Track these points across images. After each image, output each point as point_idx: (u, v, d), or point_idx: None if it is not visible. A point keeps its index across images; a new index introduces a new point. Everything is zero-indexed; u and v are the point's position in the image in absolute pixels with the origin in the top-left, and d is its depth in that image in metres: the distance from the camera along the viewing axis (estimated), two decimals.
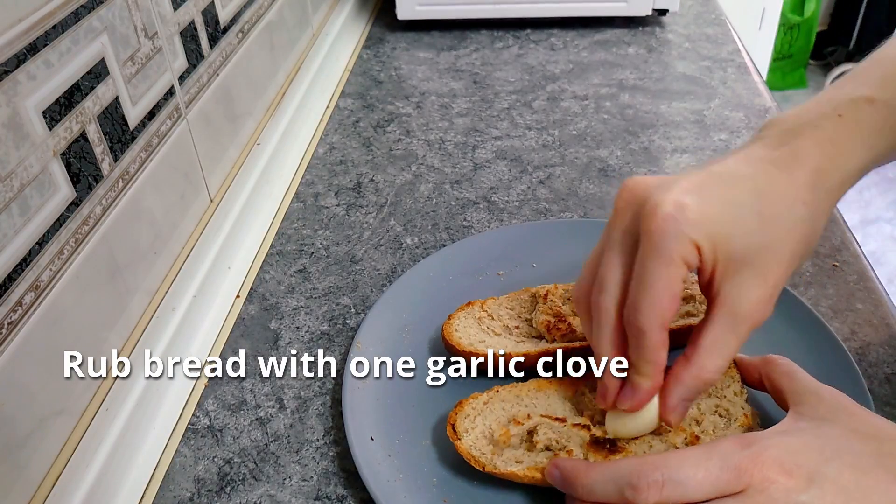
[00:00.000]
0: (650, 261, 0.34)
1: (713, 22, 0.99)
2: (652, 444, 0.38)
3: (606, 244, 0.37)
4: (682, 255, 0.33)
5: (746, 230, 0.34)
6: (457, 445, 0.41)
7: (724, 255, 0.34)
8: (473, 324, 0.49)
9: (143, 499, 0.43)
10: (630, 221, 0.35)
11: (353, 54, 0.93)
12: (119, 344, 0.47)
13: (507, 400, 0.43)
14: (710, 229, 0.33)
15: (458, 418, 0.42)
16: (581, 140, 0.74)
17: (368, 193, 0.68)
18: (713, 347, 0.35)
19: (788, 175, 0.35)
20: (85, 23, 0.42)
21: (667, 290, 0.34)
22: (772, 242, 0.34)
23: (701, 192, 0.34)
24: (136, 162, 0.48)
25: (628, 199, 0.36)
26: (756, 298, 0.34)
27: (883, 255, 2.08)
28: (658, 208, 0.33)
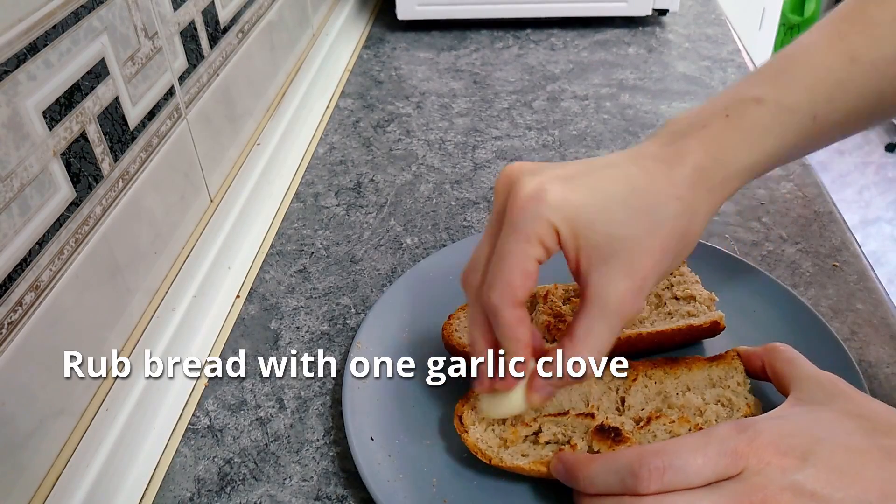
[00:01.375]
0: (507, 238, 0.34)
1: (713, 22, 0.99)
2: (657, 434, 0.39)
3: (486, 227, 0.37)
4: (538, 235, 0.34)
5: (612, 220, 0.34)
6: (464, 438, 0.41)
7: (586, 244, 0.34)
8: None
9: (143, 499, 0.43)
10: (502, 204, 0.36)
11: (353, 54, 0.94)
12: (119, 344, 0.47)
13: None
14: (571, 213, 0.34)
15: (464, 410, 0.42)
16: (581, 140, 0.74)
17: (368, 193, 0.68)
18: (587, 339, 0.35)
19: (668, 171, 0.35)
20: (85, 23, 0.42)
21: (518, 267, 0.34)
22: (640, 235, 0.34)
23: (570, 179, 0.34)
24: (136, 162, 0.48)
25: (503, 183, 0.36)
26: (623, 290, 0.34)
27: (883, 255, 2.08)
28: (521, 190, 0.34)
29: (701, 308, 0.47)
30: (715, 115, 0.37)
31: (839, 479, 0.31)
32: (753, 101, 0.37)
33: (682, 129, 0.37)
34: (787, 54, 0.39)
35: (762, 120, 0.36)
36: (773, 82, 0.37)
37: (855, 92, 0.38)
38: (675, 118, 0.38)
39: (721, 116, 0.37)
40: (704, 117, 0.37)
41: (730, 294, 0.49)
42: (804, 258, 0.56)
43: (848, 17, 0.39)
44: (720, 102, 0.38)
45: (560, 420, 0.41)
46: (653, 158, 0.36)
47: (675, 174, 0.35)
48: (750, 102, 0.37)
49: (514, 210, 0.34)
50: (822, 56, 0.38)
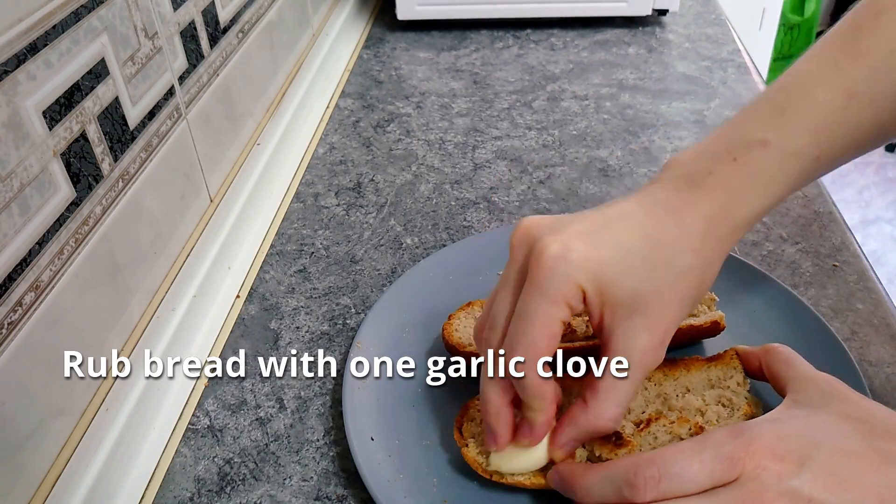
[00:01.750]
0: (532, 299, 0.34)
1: (713, 22, 0.99)
2: (657, 436, 0.39)
3: (500, 283, 0.37)
4: (565, 296, 0.34)
5: (633, 275, 0.34)
6: (463, 452, 0.41)
7: (610, 300, 0.34)
8: (473, 324, 0.49)
9: (143, 499, 0.43)
10: (521, 261, 0.35)
11: (353, 54, 0.94)
12: (119, 344, 0.47)
13: None
14: (596, 272, 0.34)
15: (464, 422, 0.42)
16: (581, 140, 0.74)
17: (368, 193, 0.68)
18: (610, 394, 0.35)
19: (680, 221, 0.35)
20: (85, 23, 0.42)
21: (544, 329, 0.34)
22: (660, 288, 0.34)
23: (590, 235, 0.34)
24: (136, 162, 0.48)
25: (522, 238, 0.36)
26: (646, 345, 0.35)
27: (883, 255, 2.08)
28: (546, 249, 0.34)
29: (701, 308, 0.47)
30: (721, 158, 0.36)
31: (836, 484, 0.31)
32: (759, 145, 0.36)
33: (689, 174, 0.36)
34: (785, 87, 0.38)
35: (768, 166, 0.36)
36: (776, 123, 0.37)
37: (854, 127, 0.37)
38: (678, 157, 0.38)
39: (728, 161, 0.36)
40: (710, 161, 0.37)
41: (730, 294, 0.49)
42: (804, 258, 0.56)
43: (843, 47, 0.38)
44: (724, 143, 0.37)
45: None
46: (664, 208, 0.36)
47: (687, 225, 0.35)
48: (755, 146, 0.36)
49: (540, 270, 0.34)
50: (821, 91, 0.37)
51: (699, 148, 0.38)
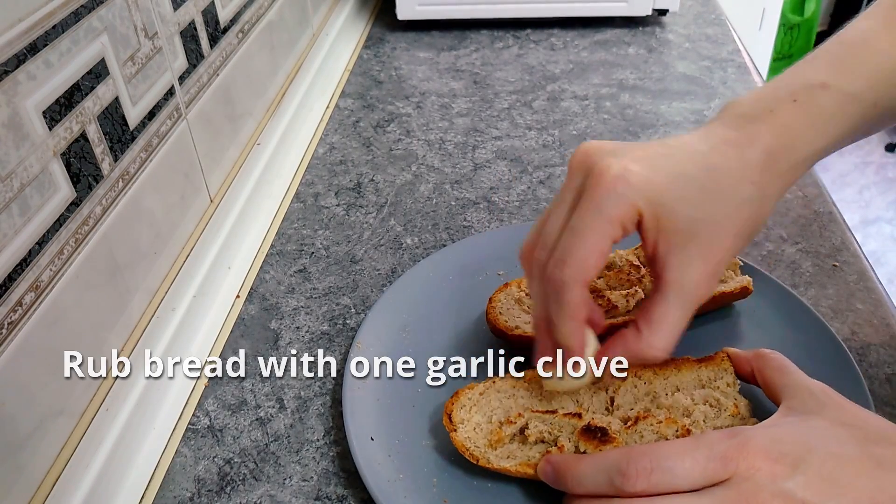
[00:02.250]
0: (587, 216, 0.34)
1: (713, 22, 0.99)
2: (644, 434, 0.39)
3: (553, 204, 0.37)
4: (621, 216, 0.34)
5: (691, 203, 0.34)
6: (452, 437, 0.41)
7: (666, 227, 0.34)
8: (514, 305, 0.50)
9: (143, 499, 0.43)
10: (579, 181, 0.35)
11: (353, 54, 0.94)
12: (119, 344, 0.47)
13: (503, 391, 0.43)
14: (654, 197, 0.34)
15: (454, 408, 0.42)
16: (581, 140, 0.74)
17: (368, 193, 0.68)
18: (662, 323, 0.35)
19: (740, 155, 0.35)
20: (85, 23, 0.42)
21: (595, 246, 0.34)
22: (716, 218, 0.34)
23: (651, 161, 0.34)
24: (136, 162, 0.48)
25: (581, 160, 0.36)
26: (700, 274, 0.35)
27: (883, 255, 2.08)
28: (607, 169, 0.34)
29: (728, 274, 0.48)
30: (781, 99, 0.37)
31: (830, 487, 0.31)
32: (819, 87, 0.37)
33: (749, 113, 0.37)
34: (844, 40, 0.39)
35: (828, 106, 0.37)
36: (837, 69, 0.38)
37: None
38: (736, 101, 0.38)
39: (788, 101, 0.37)
40: (770, 101, 0.37)
41: None
42: (804, 258, 0.56)
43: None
44: (785, 86, 0.38)
45: (547, 418, 0.41)
46: (724, 141, 0.36)
47: (748, 158, 0.35)
48: (816, 88, 0.37)
49: (598, 189, 0.34)
50: (881, 43, 0.38)
51: (759, 92, 0.38)
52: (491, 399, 0.43)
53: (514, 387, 0.43)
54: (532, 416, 0.41)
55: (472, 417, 0.42)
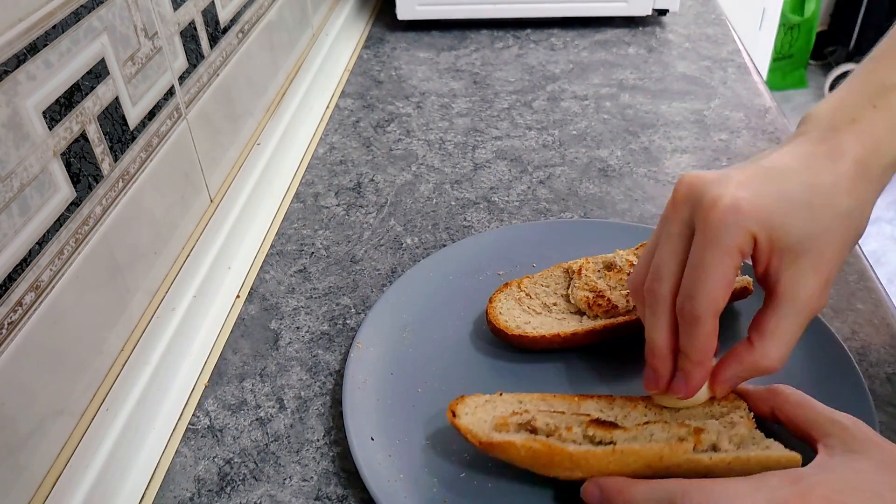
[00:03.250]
0: (708, 250, 0.35)
1: (713, 22, 0.99)
2: (654, 433, 0.39)
3: (662, 236, 0.38)
4: (739, 245, 0.35)
5: (799, 221, 0.35)
6: (454, 423, 0.40)
7: (779, 246, 0.35)
8: (515, 305, 0.51)
9: (143, 499, 0.43)
10: (688, 214, 0.37)
11: (353, 54, 0.94)
12: (119, 344, 0.47)
13: (509, 402, 0.43)
14: (766, 220, 0.35)
15: (457, 407, 0.42)
16: (581, 140, 0.74)
17: (368, 193, 0.68)
18: (777, 334, 0.36)
19: (833, 167, 0.36)
20: (85, 23, 0.42)
21: (723, 279, 0.35)
22: (823, 232, 0.36)
23: (755, 186, 0.35)
24: (136, 162, 0.48)
25: (686, 194, 0.37)
26: (813, 286, 0.36)
27: (883, 255, 2.08)
28: (718, 201, 0.35)
29: None
30: (861, 106, 0.38)
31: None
32: (895, 89, 0.38)
33: (831, 124, 0.38)
34: (893, 47, 0.40)
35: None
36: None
37: None
38: (815, 111, 0.39)
39: (868, 107, 0.38)
40: (850, 110, 0.38)
41: None
42: None
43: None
44: (862, 91, 0.39)
45: (555, 415, 0.41)
46: (814, 155, 0.37)
47: (840, 170, 0.36)
48: (892, 90, 0.38)
49: (713, 222, 0.35)
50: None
51: (836, 100, 0.39)
52: (497, 405, 0.43)
53: (521, 401, 0.43)
54: (539, 412, 0.41)
55: (476, 413, 0.42)
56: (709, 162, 0.69)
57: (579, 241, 0.56)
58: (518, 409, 0.42)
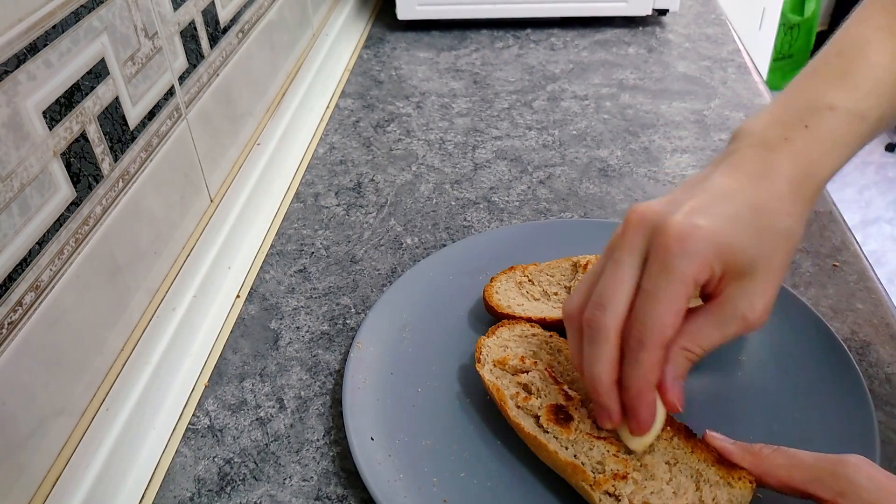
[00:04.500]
0: (662, 275, 0.35)
1: (713, 22, 0.99)
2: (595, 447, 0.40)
3: (608, 263, 0.37)
4: (695, 273, 0.35)
5: (749, 244, 0.35)
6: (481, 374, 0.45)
7: (730, 270, 0.36)
8: (514, 287, 0.51)
9: (143, 499, 0.43)
10: (642, 242, 0.36)
11: (353, 54, 0.94)
12: (119, 344, 0.47)
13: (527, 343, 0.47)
14: (720, 246, 0.35)
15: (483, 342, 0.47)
16: (581, 140, 0.74)
17: (368, 193, 0.68)
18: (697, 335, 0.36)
19: (771, 188, 0.37)
20: (85, 23, 0.42)
21: (674, 308, 0.35)
22: (769, 253, 0.36)
23: (707, 211, 0.35)
24: (136, 162, 0.48)
25: (640, 221, 0.36)
26: (763, 305, 0.36)
27: (883, 255, 2.08)
28: (676, 227, 0.35)
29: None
30: (793, 125, 0.38)
31: None
32: (827, 110, 0.38)
33: (766, 143, 0.38)
34: (842, 52, 0.40)
35: (839, 130, 0.38)
36: (840, 87, 0.39)
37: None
38: (750, 126, 0.39)
39: (800, 127, 0.38)
40: (783, 128, 0.38)
41: None
42: (804, 258, 0.56)
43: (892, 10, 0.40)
44: (795, 108, 0.39)
45: (548, 381, 0.44)
46: (752, 175, 0.37)
47: (777, 190, 0.36)
48: (825, 111, 0.38)
49: (668, 251, 0.35)
50: (878, 56, 0.39)
51: (769, 115, 0.39)
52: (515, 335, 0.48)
53: (535, 353, 0.46)
54: (539, 376, 0.44)
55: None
56: (709, 162, 0.69)
57: (579, 241, 0.56)
58: (528, 360, 0.45)
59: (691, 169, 0.69)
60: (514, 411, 0.42)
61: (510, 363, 0.45)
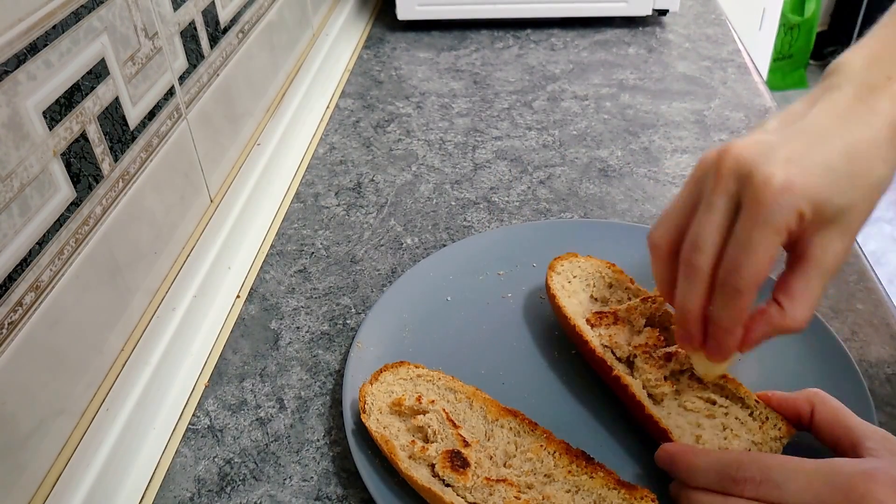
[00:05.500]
0: (757, 228, 0.35)
1: (713, 22, 0.99)
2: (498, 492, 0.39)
3: (704, 205, 0.37)
4: (788, 224, 0.35)
5: (841, 194, 0.35)
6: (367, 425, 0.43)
7: (818, 218, 0.36)
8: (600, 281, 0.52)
9: (144, 499, 0.43)
10: (735, 188, 0.36)
11: (353, 54, 0.94)
12: (119, 344, 0.47)
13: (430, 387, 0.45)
14: (813, 198, 0.35)
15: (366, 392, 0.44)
16: (581, 140, 0.74)
17: (368, 193, 0.68)
18: (806, 296, 0.37)
19: (870, 132, 0.36)
20: (85, 23, 0.42)
21: (769, 256, 0.35)
22: (858, 201, 0.36)
23: (802, 161, 0.35)
24: (136, 162, 0.48)
25: (734, 168, 0.36)
26: (840, 252, 0.36)
27: (883, 255, 2.08)
28: (771, 180, 0.35)
29: None
30: (895, 63, 0.37)
31: None
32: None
33: (867, 80, 0.38)
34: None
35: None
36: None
37: None
38: (846, 61, 0.39)
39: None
40: (886, 66, 0.38)
41: None
42: None
43: None
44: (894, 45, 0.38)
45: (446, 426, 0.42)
46: (851, 116, 0.37)
47: (876, 134, 0.36)
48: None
49: (765, 201, 0.35)
50: None
51: (869, 52, 0.39)
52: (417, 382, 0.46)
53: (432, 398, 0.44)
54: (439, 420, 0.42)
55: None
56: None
57: (579, 241, 0.56)
58: (424, 398, 0.44)
59: (691, 169, 0.69)
60: (406, 463, 0.40)
61: (406, 404, 0.43)
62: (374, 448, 0.42)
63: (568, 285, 0.51)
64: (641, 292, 0.49)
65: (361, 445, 0.42)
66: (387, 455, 0.41)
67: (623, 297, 0.50)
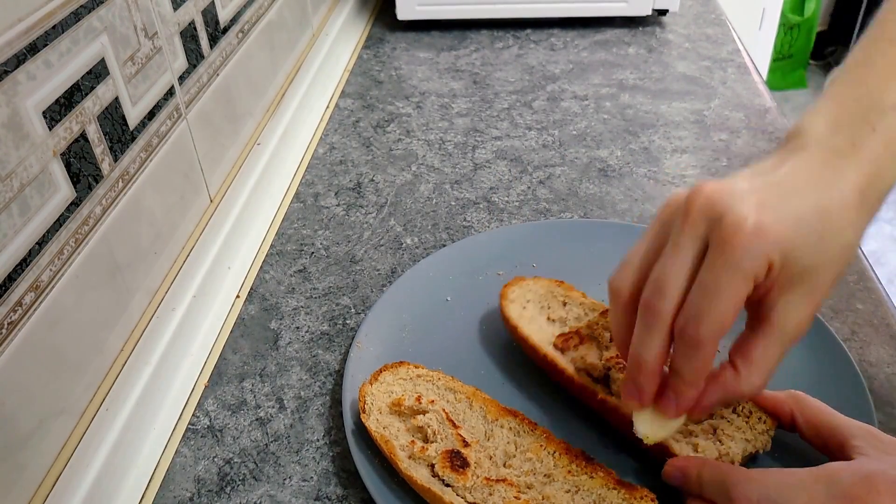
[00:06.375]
0: (725, 272, 0.33)
1: (713, 22, 0.99)
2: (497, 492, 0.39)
3: (670, 246, 0.36)
4: (756, 273, 0.33)
5: (809, 251, 0.34)
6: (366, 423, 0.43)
7: (785, 274, 0.34)
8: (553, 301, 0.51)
9: (143, 499, 0.43)
10: (704, 230, 0.35)
11: (353, 54, 0.94)
12: (119, 344, 0.47)
13: (429, 387, 0.45)
14: (784, 247, 0.34)
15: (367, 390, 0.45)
16: (581, 140, 0.74)
17: (368, 193, 0.68)
18: (761, 363, 0.36)
19: (840, 195, 0.35)
20: (85, 23, 0.42)
21: (733, 305, 0.34)
22: (826, 264, 0.35)
23: (775, 207, 0.34)
24: (136, 162, 0.48)
25: (704, 207, 0.35)
26: (803, 318, 0.35)
27: (883, 255, 2.08)
28: (742, 223, 0.33)
29: None
30: (860, 129, 0.36)
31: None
32: (892, 110, 0.36)
33: (833, 146, 0.36)
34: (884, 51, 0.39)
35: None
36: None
37: None
38: (809, 125, 0.37)
39: (868, 130, 0.36)
40: (850, 132, 0.36)
41: None
42: None
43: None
44: (857, 107, 0.37)
45: (446, 426, 0.42)
46: (821, 179, 0.35)
47: (844, 199, 0.35)
48: (889, 112, 0.36)
49: (734, 246, 0.33)
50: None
51: (830, 115, 0.37)
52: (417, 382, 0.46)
53: (432, 399, 0.44)
54: (438, 420, 0.42)
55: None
56: (709, 162, 0.69)
57: (579, 241, 0.56)
58: (424, 398, 0.43)
59: (691, 169, 0.69)
60: (406, 463, 0.40)
61: (406, 404, 0.43)
62: (373, 448, 0.42)
63: (524, 312, 0.49)
64: (598, 306, 0.49)
65: (361, 445, 0.42)
66: (386, 455, 0.41)
67: (580, 314, 0.49)
